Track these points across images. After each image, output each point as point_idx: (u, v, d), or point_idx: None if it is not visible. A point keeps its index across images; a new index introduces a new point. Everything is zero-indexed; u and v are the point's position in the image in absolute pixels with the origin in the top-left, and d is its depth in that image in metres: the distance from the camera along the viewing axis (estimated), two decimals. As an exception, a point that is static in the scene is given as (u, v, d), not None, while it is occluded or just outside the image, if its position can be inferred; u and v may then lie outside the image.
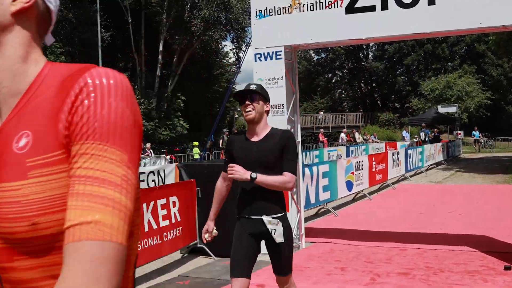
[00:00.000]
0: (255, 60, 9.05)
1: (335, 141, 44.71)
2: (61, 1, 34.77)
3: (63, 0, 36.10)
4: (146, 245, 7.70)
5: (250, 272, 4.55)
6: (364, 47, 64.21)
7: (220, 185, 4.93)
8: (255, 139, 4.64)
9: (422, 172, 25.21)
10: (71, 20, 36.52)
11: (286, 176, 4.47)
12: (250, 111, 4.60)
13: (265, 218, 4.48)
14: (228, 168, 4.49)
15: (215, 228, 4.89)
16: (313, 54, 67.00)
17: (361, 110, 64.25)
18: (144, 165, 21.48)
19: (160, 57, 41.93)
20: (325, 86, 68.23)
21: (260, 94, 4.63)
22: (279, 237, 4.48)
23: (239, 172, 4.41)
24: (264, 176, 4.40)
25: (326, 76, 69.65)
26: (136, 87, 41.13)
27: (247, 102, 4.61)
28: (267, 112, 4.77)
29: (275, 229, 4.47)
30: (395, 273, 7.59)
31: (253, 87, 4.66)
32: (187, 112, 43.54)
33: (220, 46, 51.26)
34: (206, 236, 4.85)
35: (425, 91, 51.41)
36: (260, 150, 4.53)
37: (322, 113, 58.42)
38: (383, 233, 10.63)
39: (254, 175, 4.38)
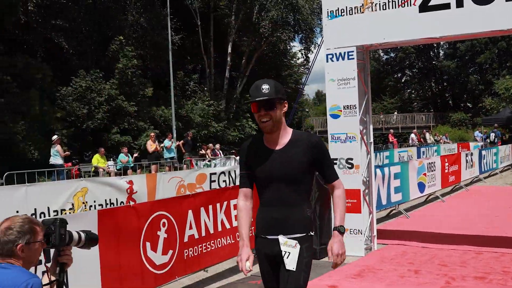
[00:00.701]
0: (327, 61, 9.02)
1: (405, 141, 43.98)
2: (133, 6, 35.69)
3: (135, 5, 36.98)
4: (219, 244, 7.81)
5: None
6: (435, 45, 62.78)
7: (243, 204, 4.10)
8: (276, 147, 3.92)
9: (496, 173, 24.49)
10: (142, 24, 37.38)
11: (339, 188, 3.98)
12: (267, 121, 3.84)
13: (281, 238, 3.79)
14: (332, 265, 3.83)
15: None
16: (382, 54, 66.09)
17: (432, 110, 62.97)
18: (215, 166, 21.75)
19: (228, 59, 42.33)
20: (395, 86, 67.17)
21: (276, 99, 3.85)
22: (291, 263, 3.75)
23: (339, 257, 3.78)
24: (337, 216, 3.90)
25: (396, 75, 68.57)
26: (206, 89, 41.66)
27: (262, 112, 3.84)
28: (285, 112, 4.00)
29: (289, 252, 3.76)
30: (471, 277, 7.42)
31: (266, 89, 3.82)
32: None
33: (288, 47, 51.36)
34: (247, 266, 3.85)
35: (499, 90, 49.82)
36: (284, 160, 3.83)
37: (396, 113, 57.70)
38: (457, 235, 10.40)
39: (342, 229, 3.85)
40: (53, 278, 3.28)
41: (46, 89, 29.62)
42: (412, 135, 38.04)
